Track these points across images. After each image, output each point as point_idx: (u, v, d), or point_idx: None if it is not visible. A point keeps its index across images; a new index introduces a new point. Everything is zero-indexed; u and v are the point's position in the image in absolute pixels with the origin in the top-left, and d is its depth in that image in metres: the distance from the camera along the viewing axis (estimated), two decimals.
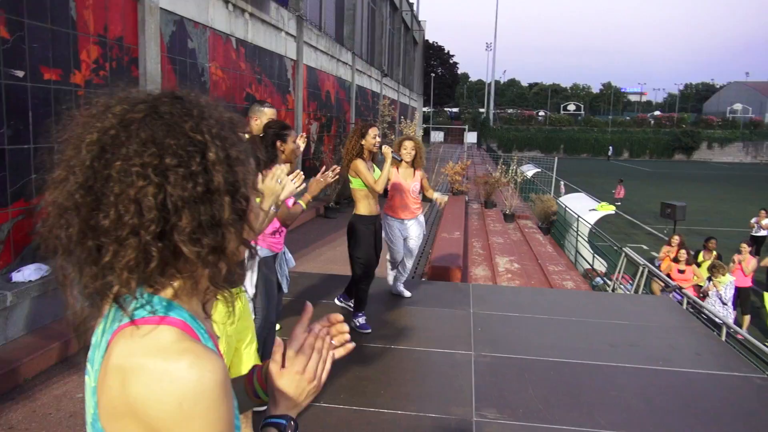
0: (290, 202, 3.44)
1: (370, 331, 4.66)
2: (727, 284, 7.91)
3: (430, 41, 63.03)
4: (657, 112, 76.97)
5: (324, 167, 3.47)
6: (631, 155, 60.24)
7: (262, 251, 3.59)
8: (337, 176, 3.44)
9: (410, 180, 5.27)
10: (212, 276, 0.79)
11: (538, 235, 13.79)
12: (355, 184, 4.58)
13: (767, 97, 73.39)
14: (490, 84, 68.11)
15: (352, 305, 4.93)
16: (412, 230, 5.33)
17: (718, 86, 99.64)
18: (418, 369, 4.19)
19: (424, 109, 56.75)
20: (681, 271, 8.65)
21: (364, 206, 4.60)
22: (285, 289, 3.98)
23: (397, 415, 3.46)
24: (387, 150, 4.60)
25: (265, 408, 0.98)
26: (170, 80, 6.96)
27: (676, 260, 8.80)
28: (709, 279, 8.14)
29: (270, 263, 3.64)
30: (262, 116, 4.16)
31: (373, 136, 4.51)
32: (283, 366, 0.96)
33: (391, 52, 28.28)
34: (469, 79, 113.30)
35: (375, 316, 5.01)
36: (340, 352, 1.02)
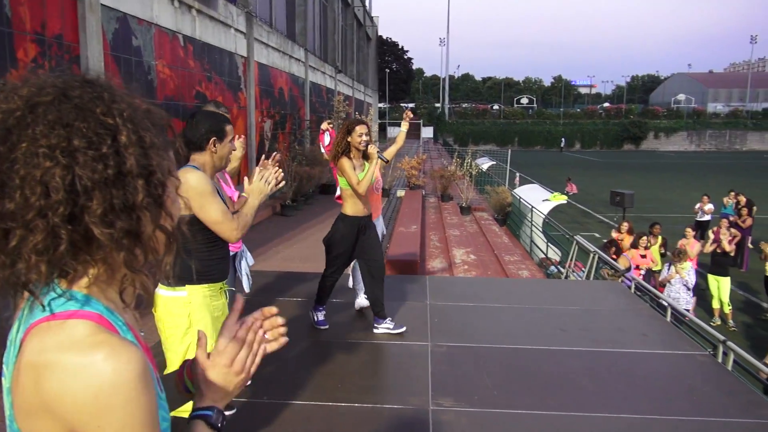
0: (235, 195, 3.42)
1: (327, 327, 4.64)
2: (689, 270, 8.14)
3: (384, 37, 63.12)
4: (606, 104, 79.17)
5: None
6: (583, 146, 61.81)
7: (235, 252, 3.57)
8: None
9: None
10: (127, 261, 0.78)
11: (494, 227, 14.02)
12: (342, 182, 4.46)
13: (708, 88, 76.51)
14: (444, 79, 68.74)
15: (392, 326, 4.59)
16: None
17: (662, 78, 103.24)
18: (376, 361, 4.22)
19: (380, 105, 56.86)
20: (643, 256, 8.92)
21: (350, 205, 4.45)
22: (247, 288, 3.93)
23: (354, 407, 3.48)
24: (373, 150, 4.44)
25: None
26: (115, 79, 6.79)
27: (635, 245, 9.04)
28: (669, 265, 8.37)
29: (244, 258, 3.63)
30: None
31: (359, 134, 4.37)
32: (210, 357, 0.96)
33: (345, 49, 28.20)
34: (424, 75, 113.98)
35: (331, 311, 5.02)
36: (273, 346, 1.01)
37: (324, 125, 5.73)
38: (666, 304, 5.49)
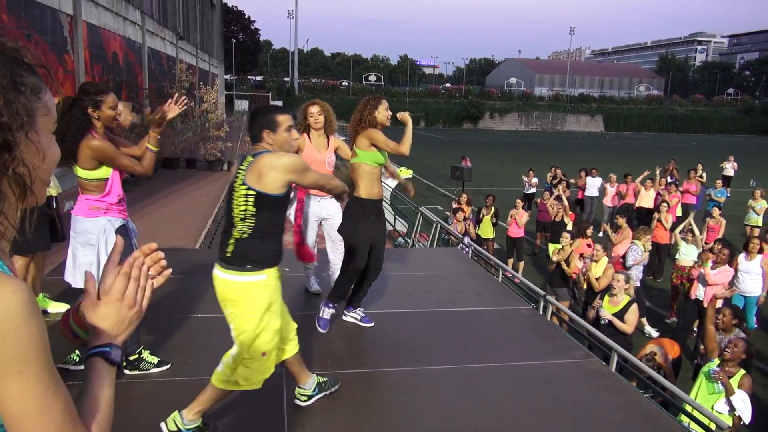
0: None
1: (326, 330, 4.25)
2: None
3: (229, 5, 60.35)
4: (448, 84, 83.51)
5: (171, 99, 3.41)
6: (427, 124, 64.76)
7: (117, 220, 3.34)
8: (184, 106, 3.41)
9: (324, 151, 4.66)
10: None
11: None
12: (363, 158, 4.02)
13: (535, 73, 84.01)
14: (293, 53, 67.66)
15: (359, 315, 4.38)
16: (329, 210, 4.74)
17: (497, 62, 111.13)
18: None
19: (227, 76, 54.55)
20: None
21: (365, 187, 4.02)
22: None
23: (204, 380, 3.44)
24: (404, 115, 4.21)
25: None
26: None
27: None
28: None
29: (122, 232, 3.38)
30: None
31: (386, 108, 4.12)
32: (98, 297, 0.96)
33: (186, 14, 26.55)
34: (272, 47, 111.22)
35: (185, 288, 4.86)
36: (159, 281, 1.02)
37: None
38: (497, 266, 6.08)
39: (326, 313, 4.24)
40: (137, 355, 3.45)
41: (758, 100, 75.14)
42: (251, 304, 2.67)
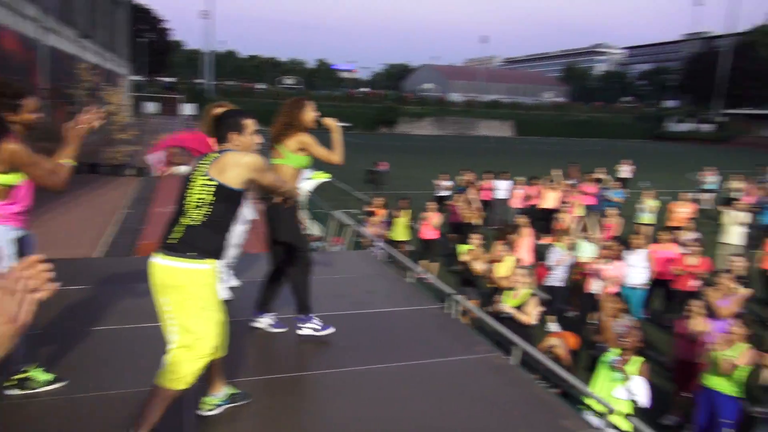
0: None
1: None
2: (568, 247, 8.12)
3: (137, 2, 57.77)
4: (366, 89, 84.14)
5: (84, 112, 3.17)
6: (344, 128, 64.85)
7: (14, 230, 3.08)
8: (103, 119, 3.27)
9: None
10: None
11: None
12: (293, 161, 4.15)
13: (449, 80, 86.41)
14: (207, 54, 65.74)
15: (272, 320, 4.32)
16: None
17: (412, 67, 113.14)
18: (156, 346, 4.05)
19: (136, 77, 52.23)
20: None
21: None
22: None
23: (109, 394, 3.32)
24: (329, 121, 4.33)
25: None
26: None
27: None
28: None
29: (18, 243, 3.13)
30: None
31: (312, 110, 4.21)
32: None
33: (92, 11, 25.20)
34: (183, 47, 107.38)
35: (84, 299, 4.64)
36: (42, 294, 1.00)
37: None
38: (408, 267, 6.22)
39: (313, 322, 4.25)
40: (24, 374, 3.25)
41: (653, 107, 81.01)
42: (195, 291, 2.67)
